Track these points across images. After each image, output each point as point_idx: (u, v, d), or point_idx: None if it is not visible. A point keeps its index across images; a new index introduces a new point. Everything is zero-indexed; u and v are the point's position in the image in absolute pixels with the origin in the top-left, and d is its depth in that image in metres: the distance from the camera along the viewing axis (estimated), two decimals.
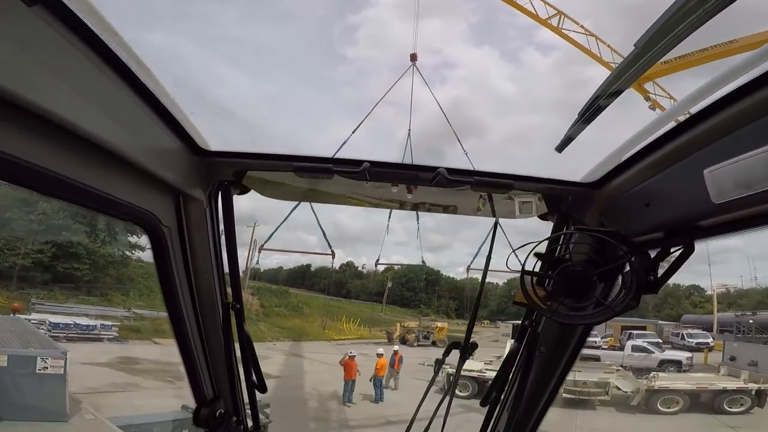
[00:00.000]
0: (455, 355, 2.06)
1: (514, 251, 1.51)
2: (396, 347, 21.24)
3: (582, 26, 25.05)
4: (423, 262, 35.10)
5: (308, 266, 74.27)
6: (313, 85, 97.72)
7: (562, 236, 1.59)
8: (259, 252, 28.62)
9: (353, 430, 14.46)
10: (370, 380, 18.22)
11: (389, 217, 26.58)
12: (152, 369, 18.63)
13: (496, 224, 1.91)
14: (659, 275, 1.35)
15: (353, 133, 21.94)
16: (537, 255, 1.44)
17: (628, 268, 1.35)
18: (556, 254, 1.52)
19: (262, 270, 59.35)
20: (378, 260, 33.51)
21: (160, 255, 1.51)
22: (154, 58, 1.10)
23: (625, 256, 1.34)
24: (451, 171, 1.55)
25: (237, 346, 1.90)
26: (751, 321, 34.61)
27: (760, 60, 0.94)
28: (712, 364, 24.97)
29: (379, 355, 18.92)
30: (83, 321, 24.28)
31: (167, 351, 19.82)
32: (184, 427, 9.06)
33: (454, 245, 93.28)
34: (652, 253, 1.35)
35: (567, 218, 1.67)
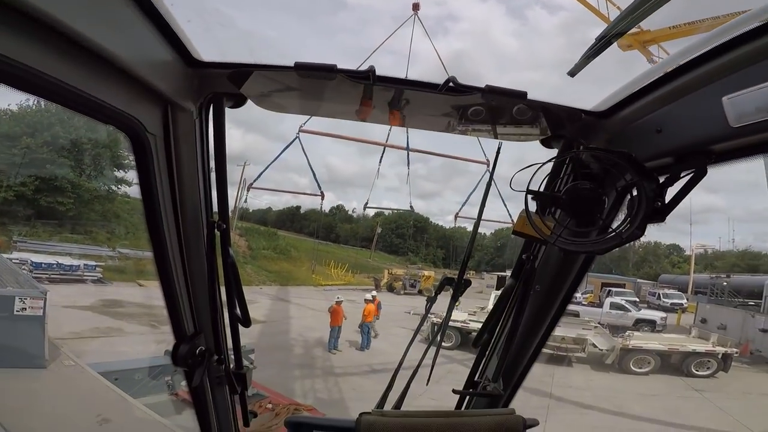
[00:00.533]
0: (442, 305, 2.04)
1: (518, 171, 1.43)
2: (374, 293, 21.42)
3: None
4: (411, 207, 35.18)
5: (298, 208, 74.14)
6: (312, 29, 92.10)
7: (569, 157, 1.55)
8: (248, 190, 28.25)
9: (338, 377, 14.71)
10: (360, 327, 18.59)
11: (380, 161, 26.20)
12: (136, 313, 18.51)
13: (499, 148, 1.87)
14: (667, 202, 1.34)
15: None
16: (534, 193, 1.42)
17: (634, 194, 1.34)
18: (562, 176, 1.52)
19: (250, 210, 59.19)
20: (367, 203, 33.31)
21: (143, 164, 1.41)
22: None
23: (635, 179, 1.32)
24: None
25: (221, 278, 1.78)
26: (724, 284, 35.88)
27: None
28: (685, 326, 26.15)
29: (367, 301, 19.04)
30: (66, 261, 23.63)
31: (152, 294, 19.80)
32: (166, 373, 9.10)
33: (444, 193, 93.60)
34: (661, 179, 1.34)
35: (572, 144, 1.63)
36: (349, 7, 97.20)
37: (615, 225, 1.37)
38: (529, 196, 1.40)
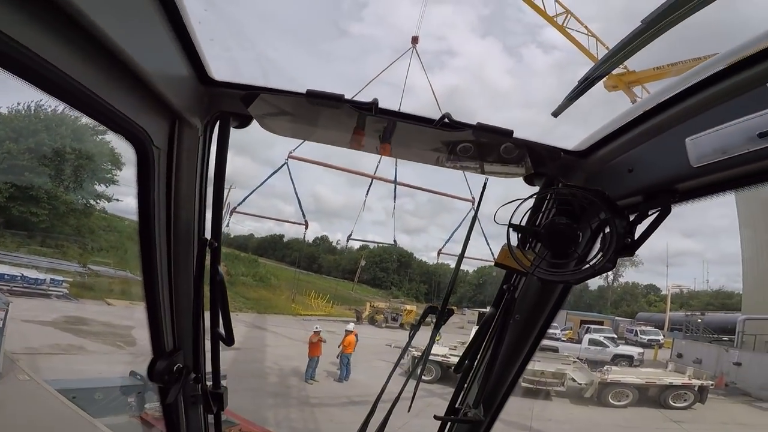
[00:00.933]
0: (424, 339, 2.06)
1: (501, 206, 1.53)
2: (351, 325, 20.90)
3: (586, 27, 25.50)
4: (395, 242, 34.91)
5: (281, 237, 73.30)
6: (312, 56, 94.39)
7: (549, 194, 1.65)
8: (231, 214, 27.81)
9: (314, 407, 14.19)
10: (338, 357, 18.13)
11: (367, 193, 26.21)
12: (102, 332, 17.59)
13: (485, 185, 1.95)
14: (636, 238, 1.42)
15: None
16: (516, 227, 1.51)
17: (607, 230, 1.42)
18: (542, 211, 1.61)
19: (231, 235, 58.26)
20: (350, 235, 32.95)
21: (144, 176, 1.44)
22: None
23: (607, 216, 1.40)
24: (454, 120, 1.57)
25: (207, 295, 1.77)
26: (699, 321, 36.61)
27: (742, 49, 1.07)
28: (661, 361, 26.20)
29: (348, 332, 18.62)
30: (31, 274, 22.38)
31: (120, 313, 19.22)
32: (130, 394, 8.73)
33: (429, 229, 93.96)
34: (632, 217, 1.42)
35: (553, 182, 1.72)
36: (350, 36, 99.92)
37: (589, 258, 1.46)
38: (511, 230, 1.49)
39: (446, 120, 1.53)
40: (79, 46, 0.90)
